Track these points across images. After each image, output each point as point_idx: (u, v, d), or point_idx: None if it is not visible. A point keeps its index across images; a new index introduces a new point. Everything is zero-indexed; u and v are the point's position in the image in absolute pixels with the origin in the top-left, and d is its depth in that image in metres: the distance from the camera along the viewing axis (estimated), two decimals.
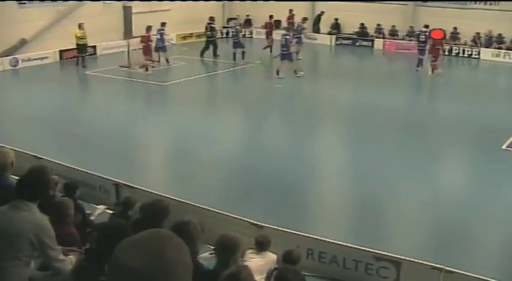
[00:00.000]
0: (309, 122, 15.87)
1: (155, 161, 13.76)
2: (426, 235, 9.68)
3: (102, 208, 8.02)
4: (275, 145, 13.88)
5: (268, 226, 7.99)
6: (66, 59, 23.83)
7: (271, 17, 26.36)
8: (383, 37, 28.95)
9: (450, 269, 7.08)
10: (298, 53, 23.37)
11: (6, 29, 22.13)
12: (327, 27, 30.28)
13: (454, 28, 27.00)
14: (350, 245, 7.75)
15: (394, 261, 7.42)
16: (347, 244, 7.76)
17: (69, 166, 10.27)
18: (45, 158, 10.36)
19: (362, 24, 29.46)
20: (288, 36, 20.91)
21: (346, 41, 29.60)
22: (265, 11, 28.01)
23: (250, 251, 6.56)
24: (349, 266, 7.63)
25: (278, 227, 7.99)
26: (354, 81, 21.44)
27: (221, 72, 23.01)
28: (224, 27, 30.60)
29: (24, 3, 23.10)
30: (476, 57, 26.19)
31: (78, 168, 10.19)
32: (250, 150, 13.54)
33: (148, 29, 21.35)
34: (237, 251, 4.65)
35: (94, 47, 24.61)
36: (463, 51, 26.61)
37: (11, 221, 4.08)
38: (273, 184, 11.16)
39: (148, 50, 21.43)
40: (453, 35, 27.16)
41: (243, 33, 27.54)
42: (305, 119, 16.06)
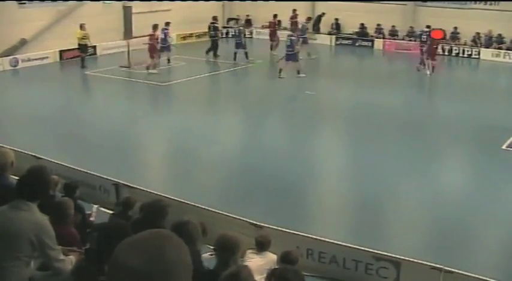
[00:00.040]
0: (309, 122, 15.86)
1: (155, 161, 13.76)
2: (426, 235, 9.68)
3: (95, 208, 8.04)
4: (275, 144, 13.89)
5: (268, 226, 8.00)
6: (66, 59, 23.84)
7: (275, 16, 26.31)
8: (383, 37, 28.94)
9: (450, 269, 7.08)
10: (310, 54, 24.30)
11: (6, 29, 22.12)
12: (327, 27, 30.28)
13: (454, 28, 27.00)
14: (350, 245, 7.76)
15: (393, 261, 7.42)
16: (347, 244, 7.76)
17: (69, 166, 10.27)
18: (45, 158, 10.36)
19: (362, 24, 29.44)
20: (293, 37, 20.98)
21: (346, 41, 29.60)
22: (265, 11, 28.03)
23: (250, 251, 6.56)
24: (349, 266, 7.63)
25: (278, 227, 7.99)
26: (354, 82, 21.43)
27: (222, 72, 23.00)
28: (224, 27, 30.59)
29: (24, 3, 23.09)
30: (476, 57, 26.18)
31: (78, 168, 10.20)
32: (249, 150, 13.54)
33: (155, 28, 21.11)
34: (237, 252, 4.65)
35: (94, 47, 24.60)
36: (463, 51, 26.59)
37: (11, 221, 4.08)
38: (273, 184, 11.16)
39: (155, 49, 21.23)
40: (453, 35, 27.15)
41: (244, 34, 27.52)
42: (305, 119, 16.06)
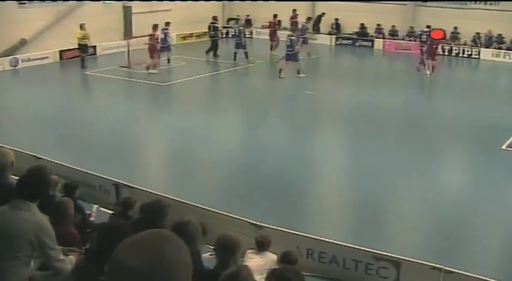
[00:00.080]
0: (309, 122, 15.87)
1: (155, 161, 13.76)
2: (426, 235, 9.68)
3: (95, 208, 8.04)
4: (275, 144, 13.89)
5: (268, 226, 8.00)
6: (66, 59, 23.84)
7: (275, 16, 26.30)
8: (383, 37, 28.94)
9: (450, 269, 7.08)
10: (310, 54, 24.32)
11: (6, 29, 22.12)
12: (327, 27, 30.27)
13: (454, 28, 27.00)
14: (350, 245, 7.76)
15: (393, 261, 7.42)
16: (347, 244, 7.76)
17: (69, 166, 10.27)
18: (44, 158, 10.36)
19: (362, 24, 29.44)
20: (293, 37, 20.99)
21: (346, 41, 29.59)
22: (265, 11, 28.03)
23: (250, 251, 6.57)
24: (349, 266, 7.63)
25: (278, 227, 7.99)
26: (354, 82, 21.43)
27: (222, 72, 23.00)
28: (224, 27, 30.59)
29: (24, 3, 23.08)
30: (476, 57, 26.18)
31: (78, 168, 10.20)
32: (249, 150, 13.53)
33: (155, 28, 21.10)
34: (237, 252, 4.65)
35: (94, 47, 24.59)
36: (463, 51, 26.59)
37: (11, 221, 4.08)
38: (273, 184, 11.15)
39: (155, 49, 21.22)
40: (453, 35, 27.15)
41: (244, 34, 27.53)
42: (305, 119, 16.06)
